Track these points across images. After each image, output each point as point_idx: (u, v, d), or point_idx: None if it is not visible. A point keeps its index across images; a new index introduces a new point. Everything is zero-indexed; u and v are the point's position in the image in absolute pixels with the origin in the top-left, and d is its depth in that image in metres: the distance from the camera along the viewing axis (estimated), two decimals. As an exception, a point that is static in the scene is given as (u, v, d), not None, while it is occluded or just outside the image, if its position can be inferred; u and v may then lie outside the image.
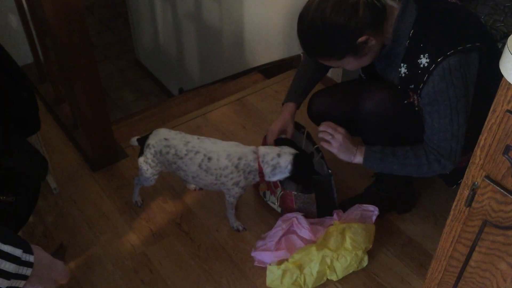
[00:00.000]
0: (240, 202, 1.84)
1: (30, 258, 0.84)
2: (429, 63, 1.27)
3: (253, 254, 1.61)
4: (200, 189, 1.88)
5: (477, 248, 1.01)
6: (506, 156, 0.85)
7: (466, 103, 1.30)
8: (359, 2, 1.25)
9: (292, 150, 1.54)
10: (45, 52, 2.24)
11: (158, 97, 3.90)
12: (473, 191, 0.95)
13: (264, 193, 1.81)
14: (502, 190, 0.89)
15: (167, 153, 1.55)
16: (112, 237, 1.73)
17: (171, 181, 1.93)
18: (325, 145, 1.50)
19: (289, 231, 1.60)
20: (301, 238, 1.57)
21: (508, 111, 0.81)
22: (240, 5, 2.74)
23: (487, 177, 0.91)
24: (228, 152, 1.53)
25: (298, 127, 1.74)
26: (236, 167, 1.52)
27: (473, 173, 0.95)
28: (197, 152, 1.53)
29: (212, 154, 1.53)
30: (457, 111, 1.30)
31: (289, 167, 1.51)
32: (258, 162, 1.52)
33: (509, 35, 1.96)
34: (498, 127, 0.85)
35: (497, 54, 1.37)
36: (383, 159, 1.44)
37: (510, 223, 0.90)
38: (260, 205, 1.83)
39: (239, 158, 1.52)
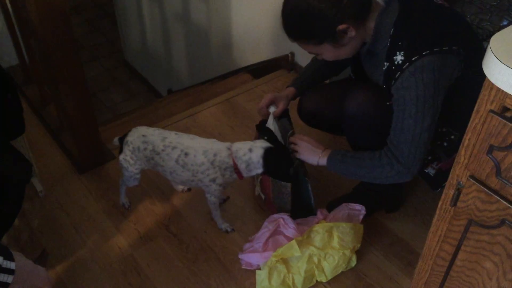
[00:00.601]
0: (228, 203, 1.83)
1: (11, 265, 0.83)
2: (403, 61, 1.27)
3: (240, 256, 1.61)
4: (188, 189, 1.87)
5: (462, 247, 1.01)
6: (490, 156, 0.85)
7: (433, 106, 1.28)
8: None
9: (265, 144, 1.51)
10: (30, 53, 2.22)
11: (147, 97, 3.88)
12: (458, 190, 0.95)
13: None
14: (486, 190, 0.89)
15: (145, 149, 1.56)
16: (99, 240, 1.72)
17: (159, 183, 1.92)
18: (296, 155, 1.54)
19: (276, 232, 1.59)
20: (288, 239, 1.56)
21: (491, 111, 0.82)
22: (228, 5, 2.73)
23: (472, 176, 0.91)
24: (204, 148, 1.52)
25: (290, 124, 1.75)
26: (212, 163, 1.51)
27: (458, 173, 0.95)
28: (174, 148, 1.53)
29: (189, 149, 1.52)
30: (423, 112, 1.28)
31: (261, 161, 1.49)
32: (233, 159, 1.51)
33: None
34: (481, 127, 0.85)
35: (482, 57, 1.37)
36: (342, 160, 1.45)
37: (495, 222, 0.91)
38: (248, 205, 1.83)
39: (215, 155, 1.52)
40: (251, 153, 1.49)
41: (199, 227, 1.75)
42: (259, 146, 1.49)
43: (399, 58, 1.28)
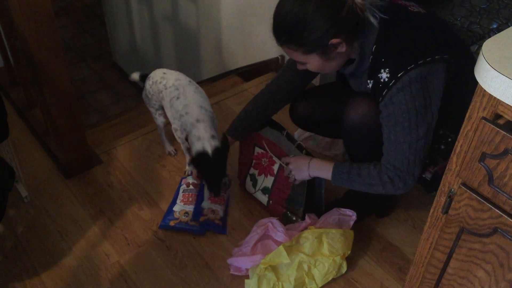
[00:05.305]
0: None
1: None
2: (389, 78, 1.26)
3: (229, 261, 1.58)
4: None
5: (454, 255, 1.00)
6: (482, 164, 0.84)
7: (427, 114, 1.27)
8: (345, 3, 1.23)
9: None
10: (16, 55, 2.18)
11: (136, 99, 3.83)
12: (450, 198, 0.94)
13: (256, 182, 1.80)
14: (478, 198, 0.88)
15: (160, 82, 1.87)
16: (85, 247, 1.68)
17: (147, 188, 1.89)
18: (292, 180, 1.61)
19: (265, 236, 1.58)
20: (277, 242, 1.55)
21: (483, 118, 0.80)
22: (217, 7, 2.71)
23: (464, 184, 0.90)
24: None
25: (278, 128, 1.72)
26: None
27: (450, 180, 0.94)
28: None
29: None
30: (416, 123, 1.27)
31: None
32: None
33: (484, 37, 1.94)
34: (474, 134, 0.83)
35: (472, 60, 1.35)
36: (349, 179, 1.45)
37: (487, 230, 0.89)
38: (238, 212, 1.81)
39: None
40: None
41: (187, 233, 1.72)
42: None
43: (384, 75, 1.27)
